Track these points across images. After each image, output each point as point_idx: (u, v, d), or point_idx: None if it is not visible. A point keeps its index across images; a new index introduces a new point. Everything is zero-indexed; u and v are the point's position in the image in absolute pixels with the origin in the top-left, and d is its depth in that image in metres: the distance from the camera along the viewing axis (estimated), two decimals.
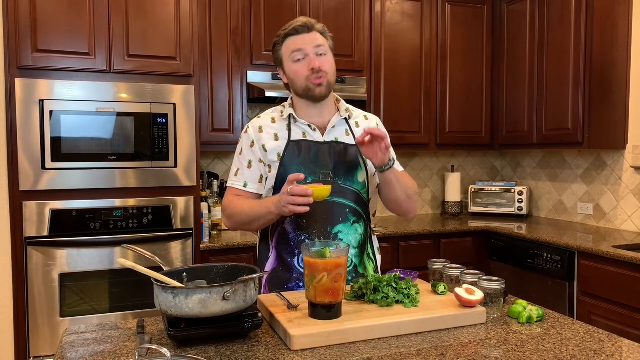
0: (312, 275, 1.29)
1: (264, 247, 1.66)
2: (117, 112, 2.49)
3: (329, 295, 1.28)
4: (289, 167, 1.55)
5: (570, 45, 3.02)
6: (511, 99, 3.51)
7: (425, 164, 3.88)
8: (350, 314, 1.32)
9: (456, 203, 3.76)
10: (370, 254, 1.69)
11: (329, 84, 1.58)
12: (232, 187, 1.63)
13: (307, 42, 1.56)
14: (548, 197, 3.65)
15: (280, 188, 1.57)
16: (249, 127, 1.65)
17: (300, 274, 1.57)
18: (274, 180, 1.59)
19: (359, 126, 1.68)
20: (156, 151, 2.56)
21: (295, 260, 1.58)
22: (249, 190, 1.61)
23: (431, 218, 3.69)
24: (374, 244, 1.73)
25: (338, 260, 1.29)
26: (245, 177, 1.61)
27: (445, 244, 3.21)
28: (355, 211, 1.60)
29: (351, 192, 1.59)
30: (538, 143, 3.30)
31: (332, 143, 1.61)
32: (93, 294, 2.48)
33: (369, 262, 1.68)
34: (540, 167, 3.72)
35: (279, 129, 1.61)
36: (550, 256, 2.79)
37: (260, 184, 1.62)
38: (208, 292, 1.17)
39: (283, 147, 1.58)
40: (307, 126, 1.61)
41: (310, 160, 1.57)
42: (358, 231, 1.61)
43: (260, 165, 1.61)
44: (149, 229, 2.57)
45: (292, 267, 1.58)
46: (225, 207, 1.61)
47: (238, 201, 1.57)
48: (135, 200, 2.55)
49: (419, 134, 3.46)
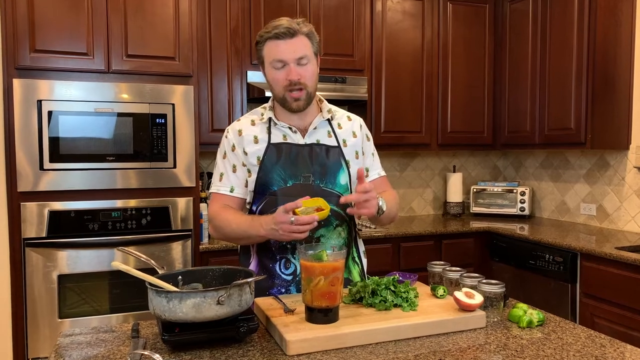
0: (309, 279, 1.27)
1: (244, 253, 1.64)
2: (116, 112, 2.48)
3: (325, 299, 1.26)
4: (268, 171, 1.53)
5: (573, 43, 2.99)
6: (513, 98, 3.48)
7: (427, 164, 3.86)
8: (347, 317, 1.30)
9: (458, 203, 3.74)
10: (355, 257, 1.68)
11: (308, 96, 1.54)
12: (218, 194, 1.59)
13: (288, 51, 1.48)
14: (551, 197, 3.62)
15: (260, 193, 1.55)
16: (229, 130, 1.62)
17: (282, 280, 1.55)
18: (254, 185, 1.56)
19: (342, 127, 1.65)
20: (155, 152, 2.55)
21: (277, 266, 1.56)
22: (236, 196, 1.59)
23: (432, 219, 3.67)
24: (359, 247, 1.72)
25: (335, 264, 1.27)
26: (232, 182, 1.59)
27: (447, 245, 3.18)
28: (337, 214, 1.57)
29: (333, 195, 1.56)
30: (540, 143, 3.27)
31: (313, 145, 1.58)
32: (92, 295, 2.47)
33: (354, 266, 1.67)
34: (543, 167, 3.69)
35: (258, 132, 1.58)
36: (553, 257, 2.76)
37: (246, 188, 1.59)
38: (202, 296, 1.15)
39: (263, 150, 1.55)
40: (288, 128, 1.58)
41: (290, 163, 1.54)
42: (341, 235, 1.59)
43: (243, 169, 1.58)
44: (147, 230, 2.55)
45: (274, 273, 1.56)
46: (211, 217, 1.57)
47: (225, 213, 1.53)
48: (134, 201, 2.54)
49: (420, 134, 3.43)
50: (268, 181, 1.54)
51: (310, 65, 1.53)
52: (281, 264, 1.56)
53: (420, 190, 3.85)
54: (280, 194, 1.53)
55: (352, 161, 1.63)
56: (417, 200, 3.83)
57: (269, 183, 1.54)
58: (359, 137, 1.67)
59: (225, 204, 1.57)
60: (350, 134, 1.66)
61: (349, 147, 1.64)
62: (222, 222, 1.53)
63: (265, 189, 1.55)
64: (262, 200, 1.56)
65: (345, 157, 1.61)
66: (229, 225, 1.51)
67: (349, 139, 1.65)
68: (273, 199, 1.54)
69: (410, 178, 3.81)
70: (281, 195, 1.53)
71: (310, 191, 1.53)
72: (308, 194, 1.52)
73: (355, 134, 1.67)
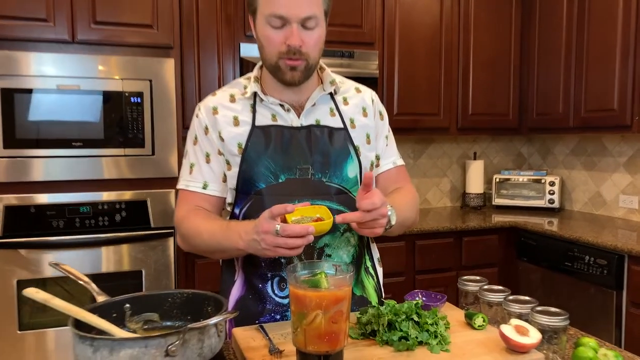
0: (301, 314, 0.90)
1: (228, 267, 1.27)
2: (82, 90, 2.11)
3: (324, 342, 0.90)
4: (253, 163, 1.16)
5: (618, 10, 2.57)
6: (544, 75, 3.07)
7: (444, 151, 3.46)
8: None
9: (478, 195, 3.35)
10: (369, 268, 1.31)
11: (307, 68, 1.15)
12: (187, 191, 1.22)
13: (293, 5, 1.09)
14: (583, 188, 3.22)
15: (244, 191, 1.18)
16: (200, 108, 1.24)
17: (276, 305, 1.19)
18: (235, 182, 1.19)
19: (349, 103, 1.27)
20: (130, 136, 2.18)
21: (269, 286, 1.19)
22: (210, 194, 1.22)
23: (450, 212, 3.28)
24: (374, 254, 1.34)
25: (338, 293, 0.90)
26: (205, 176, 1.21)
27: (468, 242, 2.81)
28: None
29: (339, 191, 1.20)
30: (575, 126, 2.87)
31: (312, 128, 1.20)
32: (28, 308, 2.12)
33: (368, 279, 1.29)
34: (575, 154, 3.28)
35: (240, 111, 1.20)
36: (594, 259, 2.38)
37: (225, 183, 1.22)
38: (143, 346, 0.79)
39: (246, 135, 1.18)
40: (279, 106, 1.20)
41: (282, 151, 1.17)
42: (350, 242, 1.22)
43: (220, 158, 1.21)
44: (122, 228, 2.20)
45: (265, 295, 1.19)
46: (178, 222, 1.21)
47: (195, 218, 1.17)
48: (106, 194, 2.18)
49: (437, 116, 3.03)
50: (253, 176, 1.17)
51: (318, 30, 1.14)
52: (274, 283, 1.19)
53: (436, 180, 3.46)
54: (269, 193, 1.16)
55: (363, 147, 1.25)
56: (432, 191, 3.45)
57: (255, 179, 1.17)
58: (371, 114, 1.29)
59: (196, 206, 1.20)
60: (360, 110, 1.28)
61: (359, 128, 1.26)
62: (190, 230, 1.16)
63: (250, 186, 1.18)
64: (246, 201, 1.19)
65: (353, 141, 1.23)
66: (199, 234, 1.14)
67: (357, 117, 1.26)
68: (260, 199, 1.16)
69: (425, 166, 3.42)
70: (271, 194, 1.16)
71: (309, 188, 1.16)
72: (306, 191, 1.15)
73: (365, 112, 1.28)
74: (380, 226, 1.04)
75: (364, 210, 1.01)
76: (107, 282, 2.13)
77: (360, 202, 1.01)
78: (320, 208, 1.06)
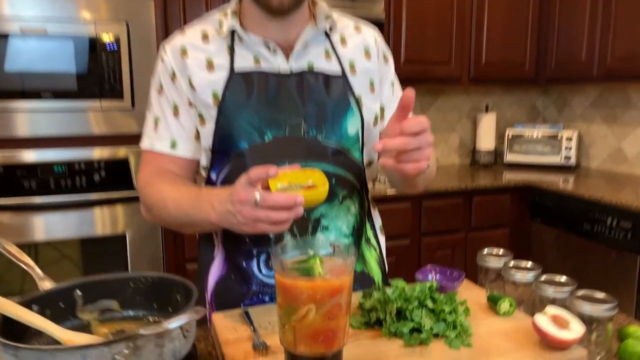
0: (289, 308, 0.71)
1: (205, 242, 1.08)
2: (49, 33, 1.86)
3: (319, 343, 0.71)
4: (232, 118, 0.95)
5: None
6: (565, 20, 2.78)
7: (454, 104, 3.21)
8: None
9: (489, 152, 3.13)
10: (371, 239, 1.12)
11: None
12: (151, 152, 1.01)
13: None
14: (602, 143, 3.00)
15: (221, 152, 0.97)
16: (166, 49, 1.01)
17: (263, 285, 1.00)
18: (210, 141, 0.98)
19: (347, 44, 1.04)
20: (106, 87, 1.95)
21: (254, 264, 1.00)
22: (179, 155, 1.00)
23: (458, 170, 3.08)
24: (375, 222, 1.15)
25: (336, 283, 0.71)
26: (173, 133, 0.99)
27: (478, 202, 2.62)
28: (344, 181, 1.00)
29: (337, 152, 0.99)
30: (599, 76, 2.62)
31: (305, 74, 0.98)
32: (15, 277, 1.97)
33: (370, 252, 1.10)
34: (595, 107, 3.04)
35: (214, 52, 0.98)
36: (617, 221, 2.19)
37: (197, 142, 1.01)
38: (79, 357, 0.60)
39: (222, 82, 0.96)
40: (263, 46, 0.97)
41: (268, 103, 0.95)
42: (350, 211, 1.03)
43: (191, 111, 0.99)
44: (102, 189, 2.00)
45: (250, 275, 1.00)
46: (140, 189, 1.01)
47: (161, 184, 0.96)
48: (84, 152, 1.97)
49: (448, 65, 2.77)
50: (233, 134, 0.95)
51: None
52: (260, 261, 1.00)
53: (445, 135, 3.23)
54: (252, 154, 0.95)
55: (365, 96, 1.03)
56: (440, 147, 3.23)
57: (235, 137, 0.95)
58: (374, 56, 1.06)
59: (162, 168, 0.99)
60: (361, 52, 1.05)
61: (360, 74, 1.03)
62: (153, 199, 0.96)
63: (229, 146, 0.96)
64: (224, 164, 0.98)
65: (354, 90, 1.01)
66: (164, 204, 0.93)
67: (358, 60, 1.04)
68: (242, 162, 0.95)
69: (433, 120, 3.18)
70: (255, 156, 0.95)
71: (301, 148, 0.96)
72: (298, 152, 0.95)
73: (368, 53, 1.05)
74: (427, 157, 0.80)
75: (409, 133, 0.77)
76: (87, 248, 1.96)
77: (405, 123, 0.77)
78: (314, 172, 0.85)
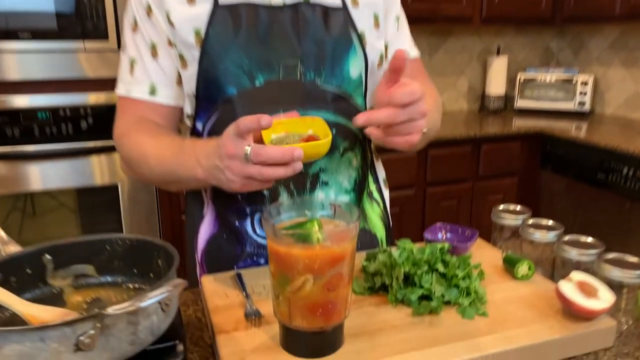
0: (283, 278, 0.62)
1: (193, 197, 0.98)
2: None
3: (317, 316, 0.63)
4: (218, 58, 0.83)
5: None
6: None
7: (463, 45, 3.03)
8: (358, 334, 0.68)
9: (499, 97, 2.98)
10: (374, 192, 1.02)
11: None
12: (128, 98, 0.89)
13: None
14: (619, 87, 2.84)
15: (207, 99, 0.86)
16: None
17: (258, 247, 0.91)
18: (194, 85, 0.86)
19: None
20: (89, 26, 1.80)
21: (248, 224, 0.90)
22: (159, 101, 0.88)
23: (466, 116, 2.94)
24: (379, 174, 1.04)
25: (337, 251, 0.61)
26: (151, 77, 0.87)
27: (487, 151, 2.50)
28: (346, 131, 0.89)
29: (338, 97, 0.87)
30: (621, 15, 2.43)
31: (300, 6, 0.85)
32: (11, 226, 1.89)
33: (372, 207, 1.01)
34: (614, 49, 2.86)
35: None
36: (634, 171, 2.09)
37: (180, 87, 0.89)
38: (37, 339, 0.51)
39: (205, 17, 0.83)
40: None
41: (259, 42, 0.83)
42: (352, 164, 0.92)
43: (171, 52, 0.86)
44: (90, 137, 1.89)
45: (243, 235, 0.91)
46: (117, 141, 0.89)
47: (137, 135, 0.85)
48: (68, 97, 1.85)
49: (459, 3, 2.58)
50: (219, 77, 0.83)
51: None
52: (254, 220, 0.90)
53: (453, 78, 3.07)
54: (243, 101, 0.84)
55: (369, 33, 0.90)
56: (448, 92, 3.07)
57: (222, 81, 0.84)
58: None
59: (141, 118, 0.88)
60: None
61: (363, 7, 0.90)
62: (132, 152, 0.85)
63: (216, 92, 0.85)
64: (211, 112, 0.87)
65: (356, 25, 0.88)
66: (144, 159, 0.83)
67: None
68: (231, 110, 0.84)
69: (441, 63, 3.01)
70: (245, 103, 0.84)
71: (298, 93, 0.84)
72: (295, 98, 0.84)
73: None
74: (419, 130, 0.71)
75: (398, 104, 0.67)
76: (78, 198, 1.88)
77: (394, 92, 0.67)
78: (314, 120, 0.74)
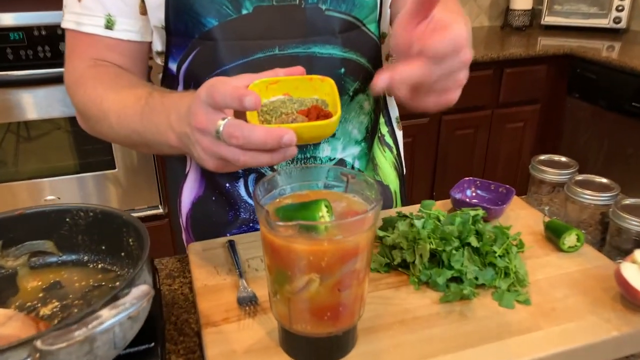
0: (282, 275, 0.49)
1: (176, 156, 0.82)
2: None
3: (324, 321, 0.50)
4: None
5: None
6: None
7: None
8: (373, 330, 0.56)
9: (525, 11, 2.70)
10: (386, 135, 0.87)
11: None
12: (78, 33, 0.70)
13: None
14: None
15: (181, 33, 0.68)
16: None
17: (252, 212, 0.77)
18: (163, 15, 0.68)
19: None
20: None
21: (241, 185, 0.76)
22: (119, 37, 0.70)
23: (487, 33, 2.68)
24: (392, 114, 0.88)
25: (348, 245, 0.47)
26: (106, 5, 0.68)
27: (509, 74, 2.29)
28: (357, 69, 0.72)
29: (348, 25, 0.68)
30: None
31: None
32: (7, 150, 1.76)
33: (384, 152, 0.86)
34: None
35: None
36: None
37: (145, 17, 0.70)
38: None
39: None
40: None
41: None
42: (364, 108, 0.76)
43: None
44: None
45: (236, 199, 0.77)
46: (69, 89, 0.72)
47: (93, 83, 0.67)
48: (44, 15, 1.64)
49: None
50: (193, 4, 0.65)
51: None
52: (248, 181, 0.76)
53: None
54: (226, 34, 0.66)
55: None
56: (468, 5, 2.78)
57: (197, 8, 0.65)
58: None
59: (97, 59, 0.71)
60: None
61: None
62: (88, 107, 0.69)
63: (190, 23, 0.67)
64: (188, 49, 0.69)
65: None
66: (104, 115, 0.66)
67: None
68: (212, 46, 0.67)
69: None
70: (229, 37, 0.66)
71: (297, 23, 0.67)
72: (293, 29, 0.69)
73: None
74: (459, 85, 0.53)
75: (434, 55, 0.48)
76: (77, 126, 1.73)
77: (431, 42, 0.47)
78: (324, 82, 0.56)
